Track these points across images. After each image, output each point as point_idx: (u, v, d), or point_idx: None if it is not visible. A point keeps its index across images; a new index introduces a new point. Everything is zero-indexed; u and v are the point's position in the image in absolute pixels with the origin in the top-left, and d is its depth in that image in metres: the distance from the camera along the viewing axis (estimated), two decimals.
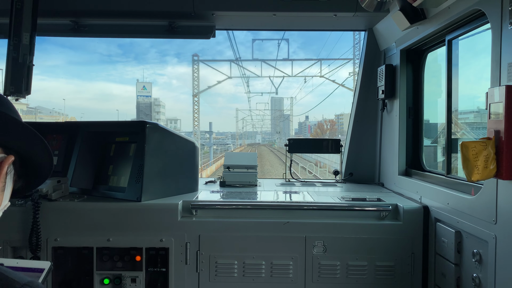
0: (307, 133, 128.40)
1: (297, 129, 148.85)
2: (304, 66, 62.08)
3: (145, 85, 73.21)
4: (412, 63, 3.27)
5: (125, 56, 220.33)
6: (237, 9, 3.32)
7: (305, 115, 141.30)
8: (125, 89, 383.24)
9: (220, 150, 65.77)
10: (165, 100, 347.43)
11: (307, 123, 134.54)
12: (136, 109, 72.71)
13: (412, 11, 2.67)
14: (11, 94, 3.05)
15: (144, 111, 70.11)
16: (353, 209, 2.76)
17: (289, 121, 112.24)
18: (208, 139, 45.13)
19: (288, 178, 3.96)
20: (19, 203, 2.66)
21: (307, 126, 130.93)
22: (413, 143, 3.28)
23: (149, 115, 68.33)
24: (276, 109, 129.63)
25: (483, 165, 1.87)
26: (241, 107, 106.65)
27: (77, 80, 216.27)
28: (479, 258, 2.11)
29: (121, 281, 2.66)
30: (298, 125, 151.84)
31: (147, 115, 68.29)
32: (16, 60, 3.03)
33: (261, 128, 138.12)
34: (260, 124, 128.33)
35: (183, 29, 3.54)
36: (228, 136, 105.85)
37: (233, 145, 69.85)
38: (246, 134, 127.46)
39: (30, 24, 3.05)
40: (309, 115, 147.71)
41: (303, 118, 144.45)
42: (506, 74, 1.85)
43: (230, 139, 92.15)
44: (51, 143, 3.23)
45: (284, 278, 2.70)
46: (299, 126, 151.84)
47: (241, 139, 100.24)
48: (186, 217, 2.73)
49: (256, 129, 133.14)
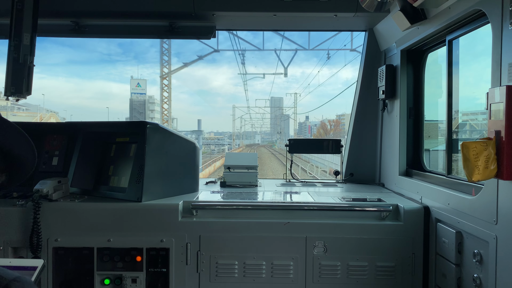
0: (307, 134, 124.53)
1: (297, 129, 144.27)
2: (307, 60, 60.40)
3: (139, 82, 68.90)
4: (413, 63, 3.27)
5: (125, 55, 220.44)
6: (237, 10, 3.32)
7: (305, 115, 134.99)
8: (125, 88, 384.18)
9: (218, 150, 63.23)
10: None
11: (307, 124, 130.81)
12: (129, 107, 68.68)
13: (412, 12, 2.67)
14: (11, 95, 3.05)
15: (138, 109, 66.53)
16: (354, 210, 2.75)
17: (289, 121, 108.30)
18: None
19: (288, 179, 3.96)
20: (20, 203, 2.67)
21: (307, 127, 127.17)
22: (413, 143, 3.28)
23: (143, 114, 65.08)
24: (276, 106, 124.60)
25: (483, 166, 1.87)
26: (241, 106, 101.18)
27: (76, 78, 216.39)
28: (480, 259, 2.11)
29: (121, 281, 2.66)
30: (298, 125, 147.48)
31: (141, 113, 65.04)
32: (17, 60, 3.03)
33: (260, 128, 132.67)
34: (259, 124, 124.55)
35: (184, 30, 3.54)
36: (226, 136, 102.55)
37: (228, 148, 65.19)
38: (245, 134, 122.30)
39: (31, 25, 3.06)
40: (309, 116, 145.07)
41: (303, 118, 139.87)
42: (506, 74, 1.85)
43: (227, 139, 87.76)
44: (51, 143, 3.23)
45: (285, 279, 2.70)
46: (299, 127, 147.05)
47: (239, 139, 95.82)
48: (187, 218, 2.73)
49: (256, 128, 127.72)
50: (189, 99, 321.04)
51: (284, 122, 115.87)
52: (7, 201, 2.74)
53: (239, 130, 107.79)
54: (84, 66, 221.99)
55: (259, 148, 77.42)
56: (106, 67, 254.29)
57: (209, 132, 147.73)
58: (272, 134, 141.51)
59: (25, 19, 3.03)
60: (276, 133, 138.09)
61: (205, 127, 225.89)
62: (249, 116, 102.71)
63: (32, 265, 1.33)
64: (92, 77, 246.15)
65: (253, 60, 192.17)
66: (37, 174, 3.09)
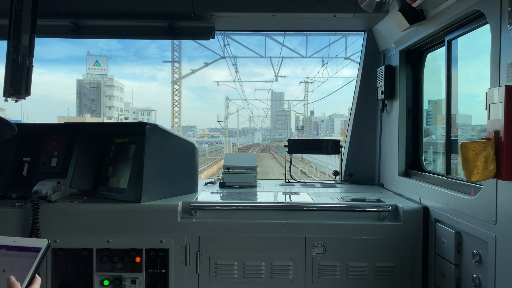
0: (312, 131, 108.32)
1: (300, 126, 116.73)
2: (306, 62, 58.18)
3: (98, 60, 49.48)
4: (412, 63, 3.27)
5: (125, 51, 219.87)
6: (236, 10, 3.32)
7: (310, 110, 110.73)
8: (125, 83, 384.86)
9: (211, 150, 49.91)
10: (164, 95, 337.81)
11: (313, 119, 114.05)
12: (77, 92, 48.33)
13: (411, 12, 2.67)
14: (10, 96, 3.04)
15: (89, 94, 48.95)
16: (353, 210, 2.75)
17: (291, 117, 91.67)
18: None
19: (287, 179, 3.96)
20: (19, 204, 2.66)
21: (312, 123, 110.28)
22: (412, 143, 3.28)
23: (96, 101, 47.11)
24: (276, 99, 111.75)
25: (482, 166, 1.87)
26: (241, 104, 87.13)
27: (76, 74, 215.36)
28: (479, 259, 2.11)
29: (121, 282, 2.66)
30: (302, 121, 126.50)
31: (93, 100, 47.56)
32: (16, 61, 3.02)
33: (262, 123, 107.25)
34: (261, 119, 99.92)
35: (183, 30, 3.54)
36: (224, 133, 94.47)
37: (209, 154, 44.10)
38: (243, 132, 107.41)
39: (30, 26, 3.05)
40: (314, 110, 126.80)
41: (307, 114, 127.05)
42: (505, 74, 1.85)
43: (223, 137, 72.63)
44: (50, 144, 3.23)
45: (284, 279, 2.70)
46: (304, 123, 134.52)
47: (232, 136, 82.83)
48: (186, 218, 2.73)
49: (255, 123, 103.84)
50: (189, 95, 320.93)
51: (285, 117, 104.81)
52: (6, 202, 2.74)
53: (235, 128, 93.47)
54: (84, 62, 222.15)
55: (259, 152, 49.45)
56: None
57: (203, 128, 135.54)
58: (272, 131, 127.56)
59: (24, 20, 3.03)
60: (275, 130, 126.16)
61: (201, 123, 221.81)
62: (248, 110, 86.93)
63: (36, 245, 1.31)
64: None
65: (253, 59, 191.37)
66: (36, 175, 3.09)
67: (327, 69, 33.25)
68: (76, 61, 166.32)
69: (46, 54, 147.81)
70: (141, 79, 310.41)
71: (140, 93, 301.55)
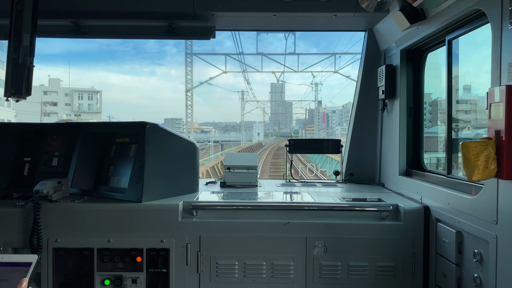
0: (321, 124, 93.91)
1: (308, 119, 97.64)
2: (308, 59, 58.10)
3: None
4: (412, 63, 3.27)
5: (124, 46, 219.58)
6: (237, 10, 3.32)
7: (318, 100, 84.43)
8: (124, 78, 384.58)
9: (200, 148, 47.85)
10: (164, 92, 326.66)
11: (321, 110, 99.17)
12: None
13: (412, 11, 2.67)
14: (11, 96, 3.04)
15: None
16: (354, 210, 2.75)
17: (292, 110, 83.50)
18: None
19: (288, 179, 3.96)
20: (20, 204, 2.67)
21: (321, 114, 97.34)
22: (413, 143, 3.28)
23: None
24: (278, 92, 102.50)
25: (483, 165, 1.87)
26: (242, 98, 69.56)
27: (75, 69, 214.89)
28: (480, 258, 2.11)
29: (121, 282, 2.66)
30: (308, 113, 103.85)
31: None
32: (17, 61, 3.02)
33: (264, 111, 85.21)
34: (264, 110, 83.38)
35: (183, 30, 3.54)
36: (220, 127, 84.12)
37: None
38: (244, 125, 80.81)
39: (30, 26, 3.05)
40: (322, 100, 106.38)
41: (311, 106, 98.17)
42: (506, 74, 1.85)
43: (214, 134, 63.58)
44: (51, 144, 3.23)
45: (285, 279, 2.70)
46: (310, 115, 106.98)
47: (227, 131, 71.49)
48: (187, 218, 2.73)
49: (256, 115, 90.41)
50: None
51: (286, 110, 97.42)
52: (7, 202, 2.74)
53: (235, 121, 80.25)
54: (83, 57, 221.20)
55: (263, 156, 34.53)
56: (105, 57, 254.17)
57: (193, 122, 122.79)
58: (273, 126, 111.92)
59: (24, 20, 3.03)
60: (277, 124, 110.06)
61: (199, 118, 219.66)
62: (252, 96, 75.84)
63: (26, 261, 1.27)
64: (91, 68, 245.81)
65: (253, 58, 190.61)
66: (37, 175, 3.09)
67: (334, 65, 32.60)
68: None
69: (45, 49, 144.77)
70: (140, 74, 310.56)
71: (139, 88, 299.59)
